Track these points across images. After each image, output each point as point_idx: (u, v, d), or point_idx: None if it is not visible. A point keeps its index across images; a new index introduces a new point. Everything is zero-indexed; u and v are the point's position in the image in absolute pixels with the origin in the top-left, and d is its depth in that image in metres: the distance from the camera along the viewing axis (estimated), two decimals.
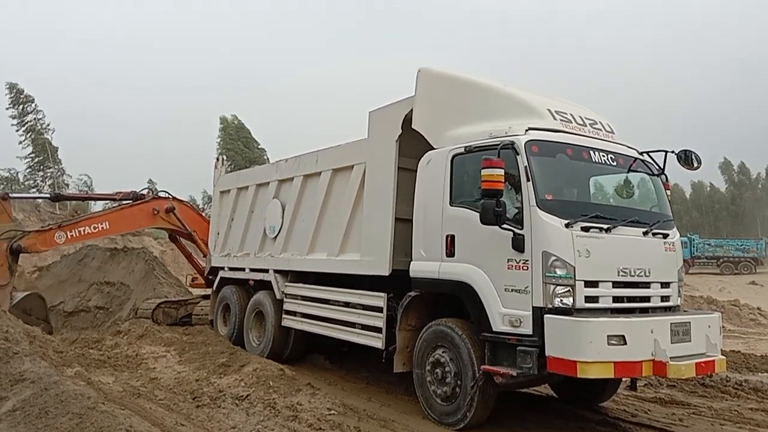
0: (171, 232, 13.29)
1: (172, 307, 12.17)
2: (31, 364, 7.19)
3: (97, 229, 11.89)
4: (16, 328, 8.70)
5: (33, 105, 50.56)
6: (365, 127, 7.65)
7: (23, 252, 11.04)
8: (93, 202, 46.35)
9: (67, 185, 50.56)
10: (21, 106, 50.16)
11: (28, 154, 49.95)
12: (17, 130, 49.88)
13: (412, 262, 6.59)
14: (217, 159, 12.41)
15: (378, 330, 6.96)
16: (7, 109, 49.98)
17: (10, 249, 10.72)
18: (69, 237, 11.63)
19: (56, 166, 50.53)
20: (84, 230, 11.79)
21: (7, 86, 49.96)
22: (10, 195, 11.63)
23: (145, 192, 13.03)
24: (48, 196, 12.18)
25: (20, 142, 49.75)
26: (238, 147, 56.59)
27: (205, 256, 12.09)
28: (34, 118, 50.41)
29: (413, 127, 6.76)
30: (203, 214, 13.13)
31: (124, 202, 12.57)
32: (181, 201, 13.19)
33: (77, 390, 6.19)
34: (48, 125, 50.85)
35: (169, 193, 13.07)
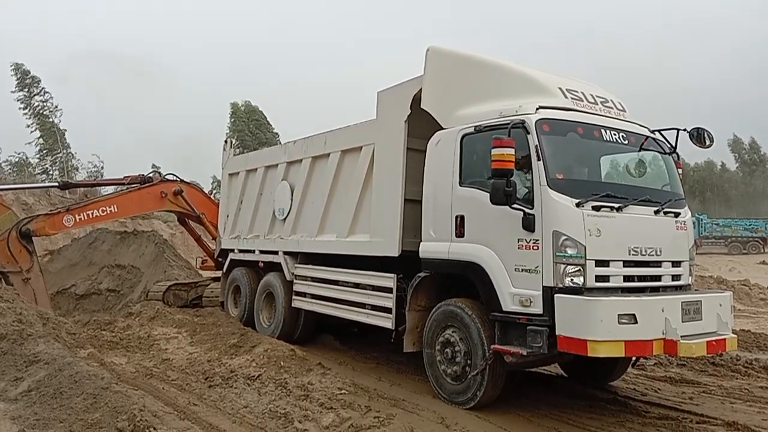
0: (179, 214, 13.35)
1: (182, 290, 12.27)
2: (45, 345, 7.29)
3: (105, 212, 11.98)
4: (29, 311, 8.81)
5: (39, 87, 50.37)
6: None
7: (33, 235, 11.12)
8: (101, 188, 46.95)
9: (77, 169, 50.56)
10: (27, 88, 49.95)
11: (36, 139, 49.98)
12: (24, 114, 49.87)
13: (421, 243, 6.59)
14: (226, 141, 12.38)
15: (388, 310, 6.98)
16: (12, 92, 49.82)
17: (20, 233, 10.84)
18: (77, 220, 11.72)
19: (65, 150, 50.56)
20: (92, 213, 11.88)
21: (12, 67, 49.71)
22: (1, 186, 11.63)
23: (152, 175, 13.06)
24: (57, 184, 12.22)
25: (28, 126, 49.72)
26: (250, 128, 56.44)
27: (214, 238, 12.16)
28: (41, 100, 50.28)
29: (422, 106, 6.72)
30: (212, 197, 13.14)
31: (132, 185, 12.63)
32: (188, 184, 13.24)
33: (91, 371, 6.28)
34: (56, 107, 50.72)
35: (176, 176, 13.12)
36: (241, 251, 10.58)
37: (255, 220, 10.25)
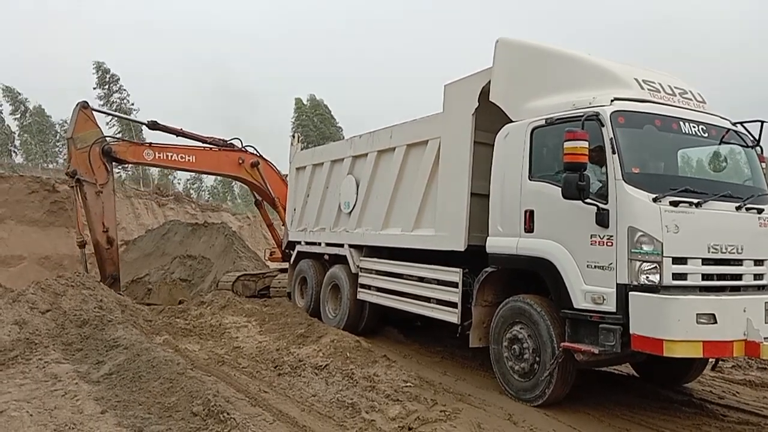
0: (253, 188, 13.76)
1: (251, 280, 12.63)
2: (124, 331, 7.67)
3: (183, 160, 12.66)
4: (109, 297, 9.28)
5: (118, 84, 52.86)
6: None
7: (114, 157, 11.97)
8: (173, 180, 48.66)
9: None
10: (107, 86, 52.50)
11: (115, 133, 52.53)
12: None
13: (488, 238, 6.53)
14: (293, 136, 12.64)
15: (453, 305, 6.96)
16: (93, 89, 52.44)
17: (102, 151, 11.73)
18: (156, 157, 12.47)
19: None
20: (171, 156, 12.58)
21: (94, 65, 52.33)
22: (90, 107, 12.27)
23: (233, 141, 13.53)
24: (145, 122, 12.86)
25: (107, 123, 52.34)
26: (314, 122, 57.37)
27: (284, 224, 12.41)
28: (119, 98, 52.73)
29: (491, 99, 6.64)
30: (286, 180, 13.47)
31: (213, 146, 13.18)
32: (266, 160, 13.59)
33: (167, 356, 6.56)
34: (133, 104, 53.10)
35: (256, 149, 13.55)
36: (307, 243, 10.78)
37: (321, 214, 10.41)
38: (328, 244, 10.01)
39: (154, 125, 12.89)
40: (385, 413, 5.37)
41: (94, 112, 12.28)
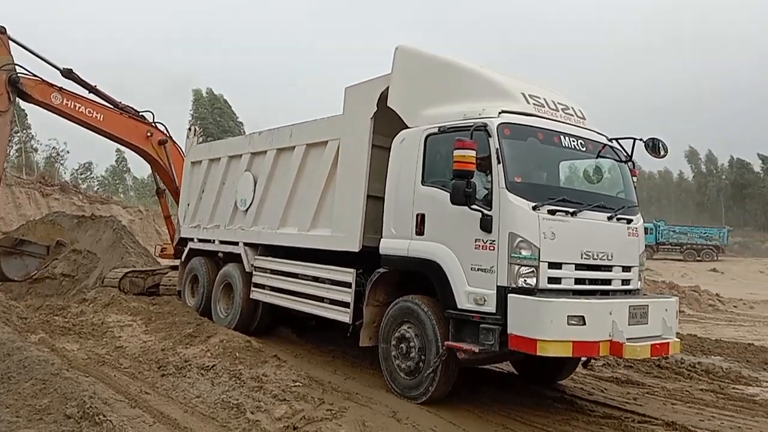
0: (156, 169, 13.26)
1: (139, 277, 12.10)
2: None
3: (91, 115, 12.09)
4: None
5: None
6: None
7: (20, 89, 11.37)
8: (60, 168, 45.62)
9: (36, 151, 49.38)
10: None
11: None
12: None
13: (382, 240, 6.65)
14: (189, 129, 12.25)
15: (346, 305, 7.03)
16: None
17: (9, 80, 11.17)
18: (64, 103, 11.81)
19: (24, 131, 49.23)
20: (79, 108, 11.98)
21: None
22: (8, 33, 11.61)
23: (146, 115, 13.08)
24: (60, 68, 12.07)
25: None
26: (213, 116, 55.86)
27: None
28: None
29: (389, 105, 6.78)
30: None
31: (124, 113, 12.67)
32: (174, 142, 13.14)
33: (41, 356, 6.18)
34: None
35: (166, 128, 13.14)
36: (200, 240, 10.49)
37: (216, 210, 10.17)
38: (222, 242, 9.80)
39: (69, 73, 12.15)
40: (271, 413, 5.33)
41: (10, 42, 11.52)
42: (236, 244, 9.35)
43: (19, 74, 11.45)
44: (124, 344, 7.78)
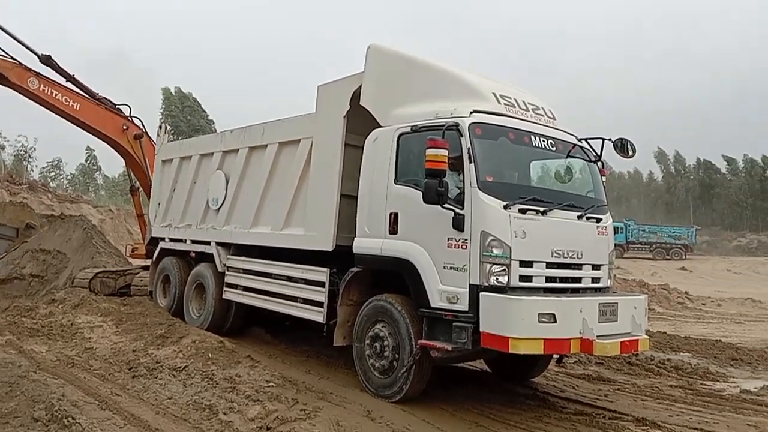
0: (131, 164, 13.11)
1: (110, 277, 11.91)
2: None
3: (67, 103, 11.86)
4: None
5: None
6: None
7: None
8: (28, 167, 44.67)
9: (3, 148, 48.36)
10: None
11: None
12: None
13: (355, 239, 6.66)
14: (160, 127, 12.09)
15: (320, 304, 7.02)
16: None
17: None
18: (40, 89, 11.58)
19: None
20: (55, 95, 11.75)
21: None
22: None
23: (122, 107, 12.95)
24: (38, 54, 11.79)
25: None
26: (184, 115, 55.29)
27: None
28: None
29: (361, 103, 6.78)
30: None
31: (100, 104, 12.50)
32: (150, 137, 12.97)
33: (7, 358, 6.09)
34: None
35: (142, 123, 13.03)
36: (172, 240, 10.38)
37: (188, 209, 10.07)
38: (194, 242, 9.70)
39: (47, 60, 11.91)
40: (244, 414, 5.30)
41: None
42: (208, 243, 9.26)
43: None
44: (95, 345, 7.66)
